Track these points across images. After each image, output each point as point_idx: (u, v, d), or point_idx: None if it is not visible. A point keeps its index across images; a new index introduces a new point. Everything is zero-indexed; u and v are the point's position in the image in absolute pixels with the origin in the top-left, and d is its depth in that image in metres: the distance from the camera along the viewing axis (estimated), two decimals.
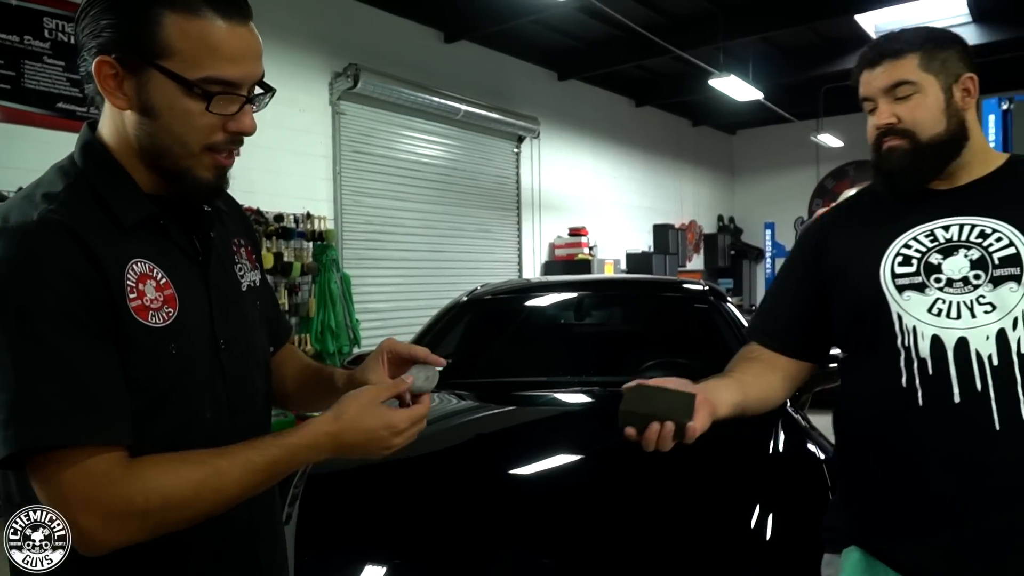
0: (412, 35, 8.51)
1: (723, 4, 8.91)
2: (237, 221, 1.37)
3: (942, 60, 1.51)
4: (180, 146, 1.09)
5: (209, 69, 1.05)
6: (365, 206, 7.89)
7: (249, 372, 1.26)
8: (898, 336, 1.48)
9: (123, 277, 1.05)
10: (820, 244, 1.69)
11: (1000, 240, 1.45)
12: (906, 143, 1.52)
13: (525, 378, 3.32)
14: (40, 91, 5.45)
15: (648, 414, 1.36)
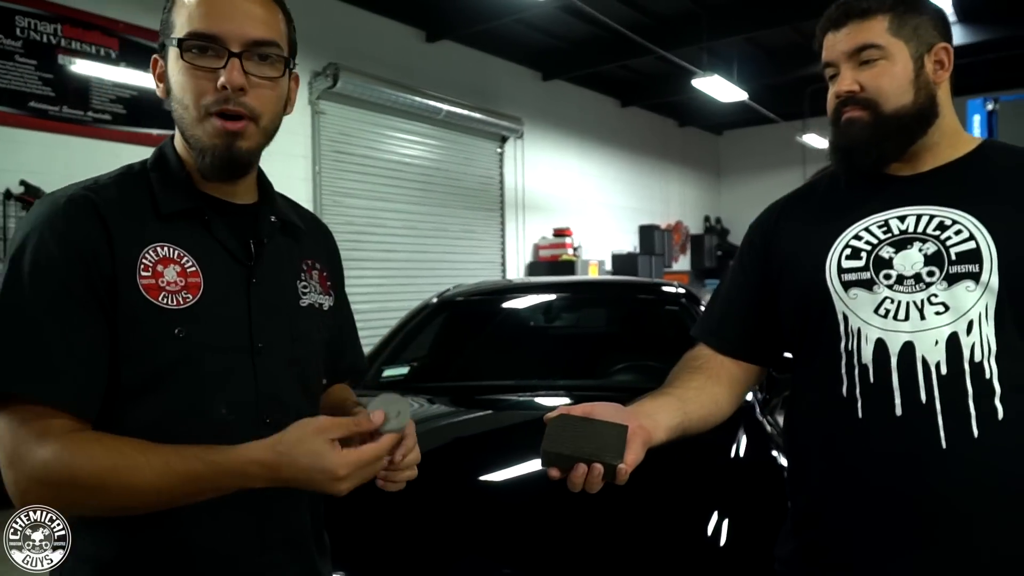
0: (394, 34, 8.47)
1: (707, 4, 8.91)
2: (320, 247, 1.43)
3: (914, 26, 1.37)
4: (184, 110, 1.16)
5: (191, 27, 1.13)
6: (346, 206, 7.84)
7: (287, 385, 1.24)
8: (842, 339, 1.33)
9: (139, 256, 1.12)
10: (769, 236, 1.53)
11: (960, 233, 1.29)
12: (867, 115, 1.36)
13: (494, 382, 3.28)
14: (11, 90, 5.40)
15: (573, 455, 1.20)
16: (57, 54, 5.64)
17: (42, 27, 5.55)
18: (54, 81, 5.60)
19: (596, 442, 1.21)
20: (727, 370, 1.51)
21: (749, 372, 1.55)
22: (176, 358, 1.12)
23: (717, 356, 1.53)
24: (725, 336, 1.54)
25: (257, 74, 1.17)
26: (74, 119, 5.71)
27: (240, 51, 1.14)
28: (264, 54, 1.17)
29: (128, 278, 1.10)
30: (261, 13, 1.17)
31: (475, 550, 2.02)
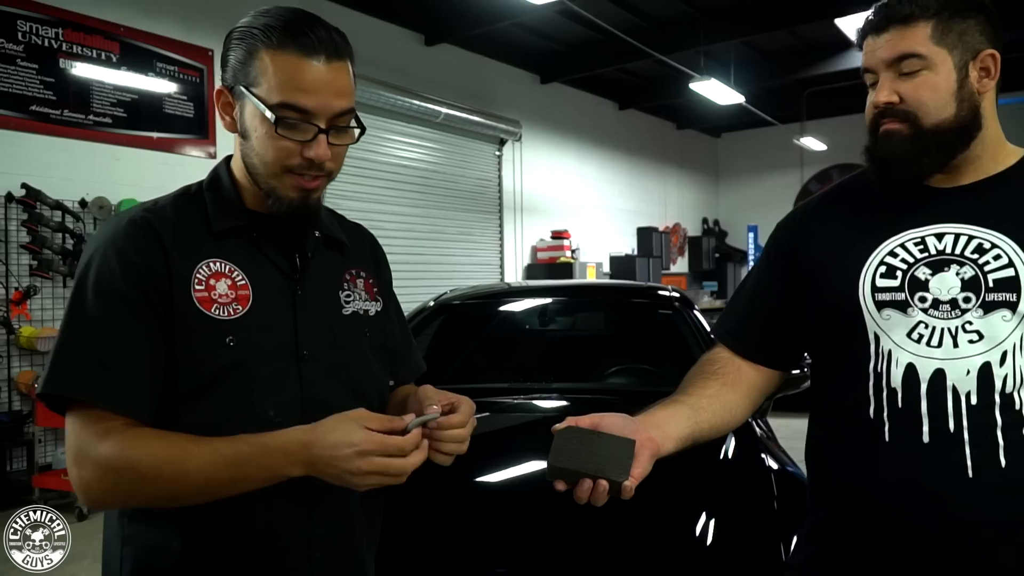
0: (392, 38, 8.51)
1: (703, 8, 8.95)
2: (366, 256, 1.50)
3: (960, 32, 1.28)
4: (263, 165, 1.23)
5: (284, 96, 1.18)
6: (344, 209, 7.75)
7: (334, 390, 1.30)
8: (871, 359, 1.28)
9: (193, 271, 1.21)
10: (799, 237, 1.46)
11: (999, 258, 1.23)
12: (906, 127, 1.29)
13: (490, 384, 3.31)
14: (13, 94, 5.44)
15: (578, 471, 1.19)
16: (58, 58, 5.67)
17: (43, 31, 5.59)
18: (55, 85, 5.64)
19: (602, 457, 1.20)
20: (744, 375, 1.47)
21: (767, 377, 1.50)
22: (228, 365, 1.20)
23: (735, 359, 1.48)
24: (746, 338, 1.49)
25: (340, 143, 1.25)
26: (75, 122, 5.75)
27: (327, 127, 1.21)
28: (344, 125, 1.25)
29: (183, 292, 1.20)
30: (345, 82, 1.24)
31: (470, 549, 2.06)
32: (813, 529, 1.42)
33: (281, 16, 1.21)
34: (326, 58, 1.20)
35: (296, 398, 1.26)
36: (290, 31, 1.19)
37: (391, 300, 1.53)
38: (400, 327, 1.55)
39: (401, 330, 1.55)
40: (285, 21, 1.20)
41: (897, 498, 1.25)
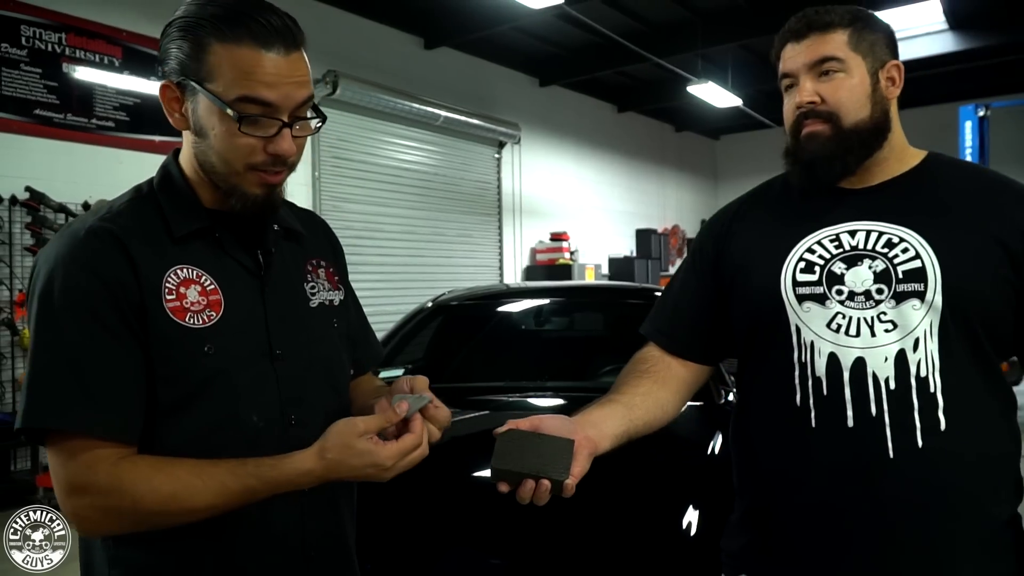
0: (392, 42, 8.57)
1: (700, 12, 9.01)
2: (323, 244, 1.45)
3: (871, 42, 1.39)
4: (224, 164, 1.17)
5: (243, 90, 1.12)
6: (344, 211, 7.94)
7: (309, 385, 1.28)
8: (795, 350, 1.36)
9: (162, 280, 1.16)
10: (722, 239, 1.54)
11: (907, 251, 1.32)
12: (828, 128, 1.38)
13: (487, 383, 3.37)
14: (17, 98, 5.50)
15: (521, 472, 1.24)
16: (62, 62, 5.74)
17: (47, 36, 5.65)
18: (59, 89, 5.70)
19: (543, 457, 1.25)
20: (674, 372, 1.53)
21: (696, 373, 1.57)
22: (208, 374, 1.17)
23: (665, 357, 1.55)
24: (675, 336, 1.55)
25: (302, 134, 1.20)
26: (78, 126, 5.81)
27: (291, 120, 1.16)
28: (304, 115, 1.20)
29: (155, 303, 1.14)
30: (304, 72, 1.18)
31: (465, 541, 2.12)
32: (744, 516, 1.50)
33: (227, 4, 1.13)
34: (284, 48, 1.14)
35: (275, 399, 1.23)
36: (241, 20, 1.12)
37: (349, 288, 1.49)
38: (358, 315, 1.53)
39: (359, 318, 1.54)
40: (234, 10, 1.13)
41: (825, 480, 1.33)
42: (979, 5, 9.10)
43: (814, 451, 1.34)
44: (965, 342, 1.30)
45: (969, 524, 1.30)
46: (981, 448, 1.30)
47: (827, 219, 1.42)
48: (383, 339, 3.71)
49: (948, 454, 1.27)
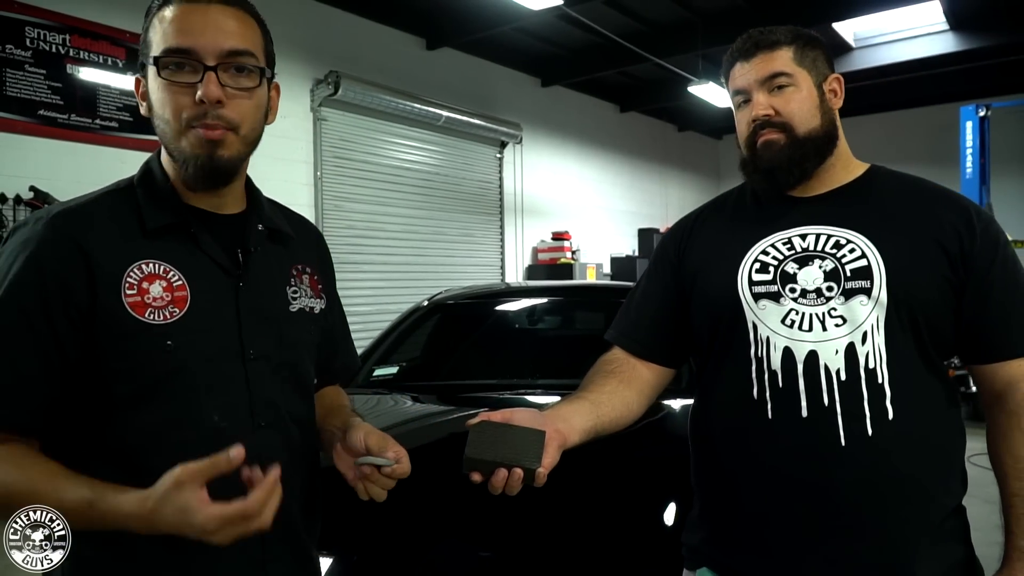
0: (394, 42, 8.61)
1: (701, 12, 9.03)
2: (311, 251, 1.45)
3: (812, 58, 1.50)
4: (166, 125, 1.19)
5: (164, 43, 1.16)
6: (347, 211, 7.99)
7: (280, 389, 1.28)
8: (752, 345, 1.44)
9: (123, 274, 1.15)
10: (683, 246, 1.64)
11: (853, 251, 1.42)
12: (783, 137, 1.47)
13: (481, 381, 3.42)
14: (22, 99, 5.54)
15: (494, 461, 1.28)
16: (65, 63, 5.79)
17: (51, 37, 5.71)
18: (63, 90, 5.75)
19: (516, 447, 1.29)
20: (639, 373, 1.60)
21: (659, 375, 1.64)
22: (168, 370, 1.16)
23: (630, 359, 1.62)
24: (639, 339, 1.63)
25: (233, 85, 1.19)
26: (82, 127, 5.86)
27: (215, 64, 1.16)
28: (240, 65, 1.20)
29: (113, 298, 1.14)
30: (235, 25, 1.19)
31: (455, 535, 2.16)
32: (703, 510, 1.57)
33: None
34: (216, 2, 1.18)
35: (244, 400, 1.22)
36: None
37: (334, 299, 1.50)
38: (341, 325, 1.54)
39: (342, 328, 1.54)
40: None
41: (782, 469, 1.40)
42: (979, 6, 9.11)
43: (771, 441, 1.41)
44: (910, 335, 1.38)
45: (919, 510, 1.37)
46: (927, 436, 1.38)
47: (780, 224, 1.51)
48: (378, 337, 3.76)
49: (896, 441, 1.35)
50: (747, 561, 1.46)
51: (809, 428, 1.38)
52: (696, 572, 1.56)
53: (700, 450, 1.60)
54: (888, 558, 1.36)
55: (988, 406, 1.46)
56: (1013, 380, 1.41)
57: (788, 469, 1.40)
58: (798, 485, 1.39)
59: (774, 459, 1.41)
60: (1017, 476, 1.38)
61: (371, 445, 1.24)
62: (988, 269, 1.40)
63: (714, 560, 1.52)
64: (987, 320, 1.41)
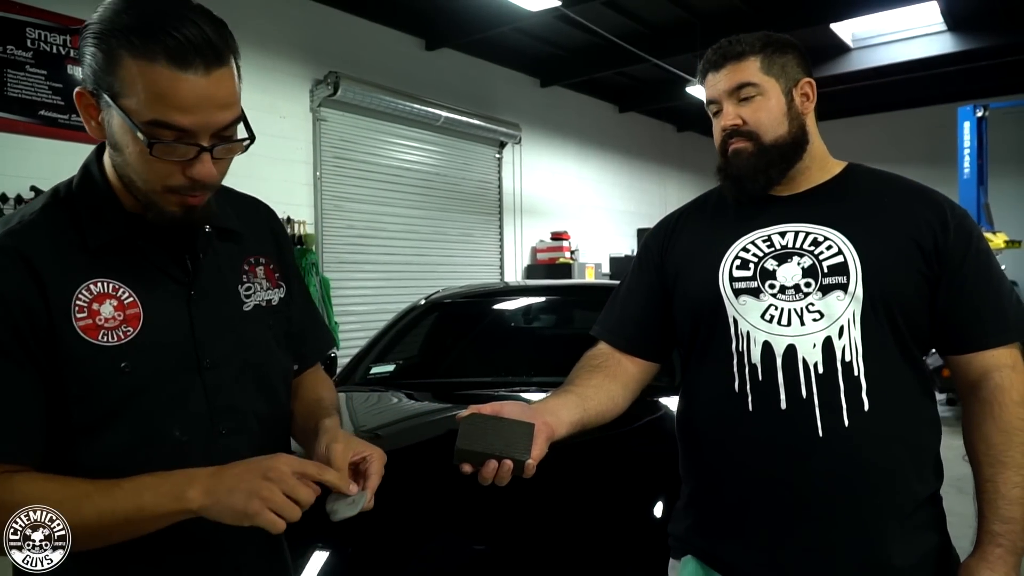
0: (393, 43, 8.63)
1: (699, 13, 9.05)
2: (264, 238, 1.38)
3: (781, 64, 1.53)
4: (142, 182, 1.11)
5: (157, 114, 1.03)
6: (346, 211, 8.02)
7: (241, 393, 1.24)
8: (733, 340, 1.48)
9: (72, 298, 1.09)
10: (665, 245, 1.68)
11: (830, 248, 1.46)
12: (751, 145, 1.52)
13: (476, 378, 3.45)
14: (22, 99, 5.57)
15: (484, 453, 1.29)
16: (66, 64, 5.82)
17: (51, 38, 5.73)
18: (63, 90, 5.77)
19: (506, 439, 1.31)
20: (624, 368, 1.64)
21: (644, 369, 1.67)
22: (126, 392, 1.11)
23: (615, 354, 1.65)
24: (623, 335, 1.67)
25: (224, 157, 1.13)
26: (82, 127, 5.81)
27: (211, 145, 1.09)
28: (229, 135, 1.12)
29: (64, 322, 1.08)
30: (227, 92, 1.08)
31: (449, 529, 2.19)
32: (688, 500, 1.61)
33: (142, 13, 1.02)
34: (204, 67, 1.03)
35: (203, 411, 1.19)
36: (156, 35, 1.01)
37: (294, 280, 1.43)
38: (305, 307, 1.48)
39: (306, 310, 1.48)
40: (148, 22, 1.01)
41: (762, 460, 1.44)
42: (977, 6, 9.14)
43: (751, 433, 1.45)
44: (886, 329, 1.42)
45: (893, 499, 1.41)
46: (902, 427, 1.42)
47: (759, 222, 1.56)
48: (376, 336, 3.79)
49: (872, 433, 1.39)
50: (728, 548, 1.50)
51: (787, 419, 1.42)
52: (680, 561, 1.60)
53: (685, 442, 1.64)
54: (863, 545, 1.40)
55: (963, 395, 1.50)
56: (986, 370, 1.45)
57: (767, 459, 1.44)
58: (777, 474, 1.43)
59: (754, 450, 1.45)
60: (989, 463, 1.42)
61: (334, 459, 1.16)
62: (961, 263, 1.44)
63: (698, 548, 1.56)
64: (961, 312, 1.45)
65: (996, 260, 1.51)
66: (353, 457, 1.18)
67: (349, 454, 1.18)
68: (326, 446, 1.19)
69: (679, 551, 1.62)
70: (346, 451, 1.18)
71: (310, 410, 1.39)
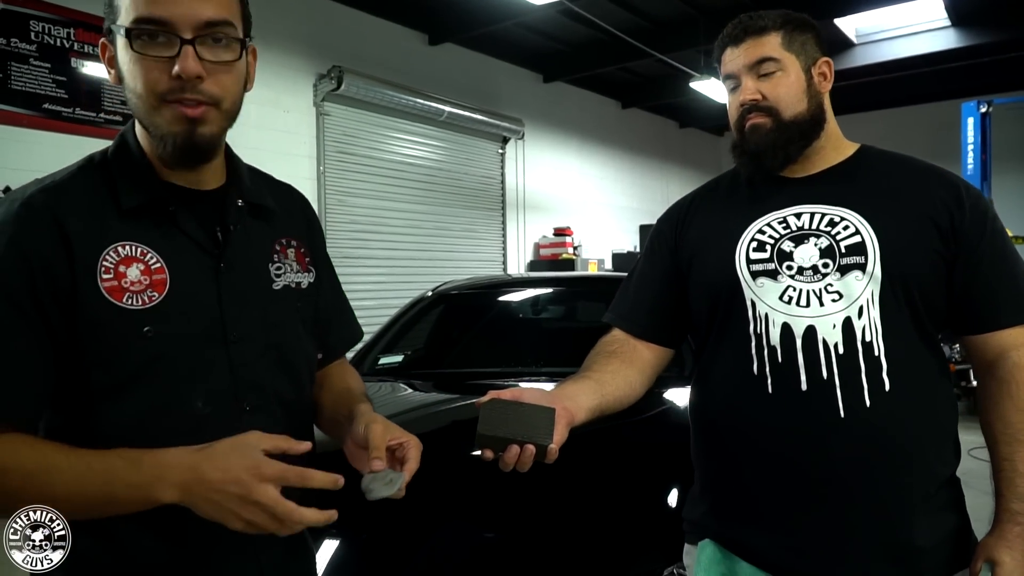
0: (396, 37, 8.63)
1: (703, 8, 9.04)
2: (298, 222, 1.38)
3: (801, 42, 1.53)
4: (139, 99, 1.11)
5: (137, 11, 1.07)
6: (349, 205, 8.01)
7: (265, 372, 1.23)
8: (751, 322, 1.47)
9: (99, 259, 1.09)
10: (679, 228, 1.67)
11: (847, 228, 1.45)
12: (770, 121, 1.51)
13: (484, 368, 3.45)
14: (26, 92, 5.57)
15: (506, 438, 1.28)
16: (70, 57, 5.81)
17: (56, 31, 5.73)
18: (67, 83, 5.77)
19: (527, 425, 1.30)
20: (639, 354, 1.63)
21: (659, 355, 1.67)
22: (147, 357, 1.11)
23: (631, 340, 1.65)
24: (638, 321, 1.66)
25: (212, 59, 1.11)
26: (87, 120, 5.88)
27: (193, 37, 1.09)
28: (218, 36, 1.12)
29: (90, 282, 1.08)
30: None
31: (459, 516, 2.19)
32: (704, 485, 1.61)
33: None
34: None
35: (227, 384, 1.17)
36: None
37: (325, 268, 1.43)
38: (334, 295, 1.47)
39: (335, 298, 1.48)
40: None
41: (782, 442, 1.43)
42: (981, 2, 9.12)
43: (771, 415, 1.44)
44: (904, 309, 1.42)
45: (915, 479, 1.40)
46: (923, 407, 1.41)
47: (774, 204, 1.55)
48: (384, 326, 3.79)
49: (892, 413, 1.38)
50: (748, 532, 1.50)
51: (809, 401, 1.41)
52: (698, 545, 1.59)
53: (701, 426, 1.63)
54: (886, 526, 1.39)
55: (980, 375, 1.50)
56: (1003, 349, 1.45)
57: (788, 441, 1.43)
58: (798, 456, 1.42)
59: (774, 432, 1.45)
60: (1006, 441, 1.42)
61: (372, 438, 1.16)
62: (978, 242, 1.44)
63: (716, 532, 1.56)
64: (977, 292, 1.45)
65: (1011, 240, 1.51)
66: (390, 442, 1.18)
67: (387, 437, 1.18)
68: (364, 426, 1.19)
69: (695, 536, 1.61)
70: (385, 433, 1.18)
71: (341, 399, 1.38)
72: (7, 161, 5.41)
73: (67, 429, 1.11)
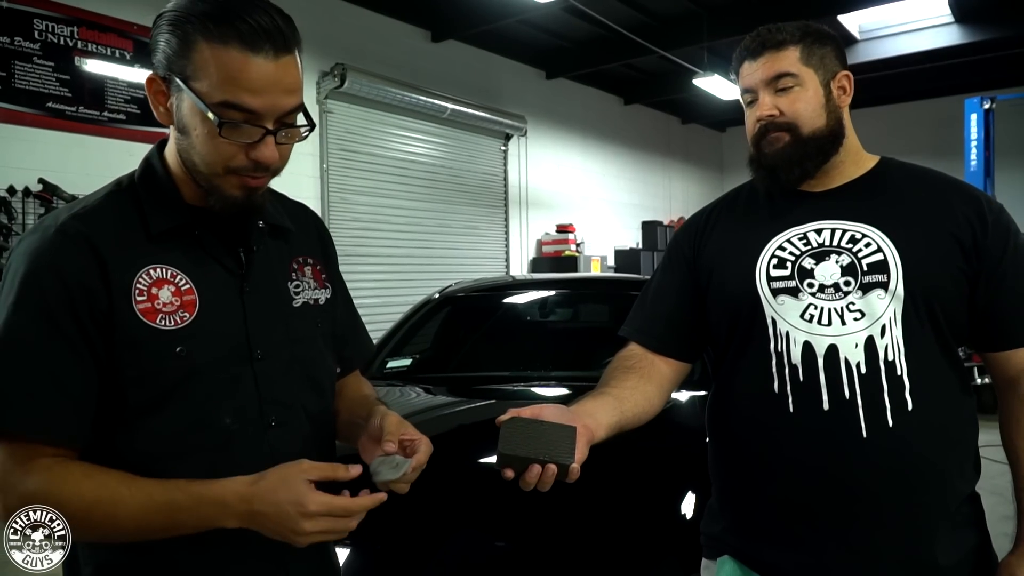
0: (399, 35, 8.61)
1: (707, 5, 9.03)
2: (312, 241, 1.42)
3: (820, 56, 1.50)
4: (205, 165, 1.14)
5: (227, 95, 1.08)
6: (352, 203, 8.01)
7: (290, 387, 1.26)
8: (771, 340, 1.45)
9: (133, 281, 1.13)
10: (697, 242, 1.64)
11: (869, 246, 1.43)
12: (788, 136, 1.48)
13: (493, 372, 3.44)
14: (30, 91, 5.56)
15: (527, 457, 1.26)
16: (73, 56, 5.80)
17: (59, 30, 5.72)
18: (71, 82, 5.76)
19: (548, 443, 1.28)
20: (657, 368, 1.59)
21: (677, 369, 1.63)
22: (180, 376, 1.14)
23: (648, 355, 1.61)
24: (656, 335, 1.62)
25: (286, 142, 1.16)
26: (90, 119, 5.88)
27: (276, 128, 1.13)
28: (292, 122, 1.16)
29: (125, 305, 1.12)
30: (293, 78, 1.13)
31: (471, 525, 2.19)
32: (723, 500, 1.59)
33: (218, 1, 1.09)
34: (273, 52, 1.09)
35: (253, 401, 1.21)
36: (230, 20, 1.07)
37: (339, 284, 1.47)
38: (347, 311, 1.51)
39: (349, 314, 1.51)
40: (223, 8, 1.08)
41: (804, 461, 1.41)
42: None
43: (793, 434, 1.42)
44: (927, 327, 1.40)
45: (938, 497, 1.39)
46: (945, 425, 1.40)
47: (794, 219, 1.52)
48: (391, 329, 3.78)
49: (916, 431, 1.37)
50: (770, 550, 1.48)
51: (831, 420, 1.39)
52: (716, 561, 1.58)
53: (720, 442, 1.61)
54: (910, 546, 1.38)
55: (1001, 393, 1.48)
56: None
57: (810, 461, 1.41)
58: (820, 476, 1.40)
59: (796, 451, 1.42)
60: None
61: (387, 427, 1.23)
62: (1000, 259, 1.42)
63: (736, 549, 1.55)
64: (1000, 309, 1.43)
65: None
66: (403, 436, 1.22)
67: (402, 429, 1.24)
68: (381, 418, 1.25)
69: (714, 551, 1.60)
70: (400, 424, 1.24)
71: (358, 403, 1.42)
72: (11, 160, 5.41)
73: (101, 448, 1.14)
